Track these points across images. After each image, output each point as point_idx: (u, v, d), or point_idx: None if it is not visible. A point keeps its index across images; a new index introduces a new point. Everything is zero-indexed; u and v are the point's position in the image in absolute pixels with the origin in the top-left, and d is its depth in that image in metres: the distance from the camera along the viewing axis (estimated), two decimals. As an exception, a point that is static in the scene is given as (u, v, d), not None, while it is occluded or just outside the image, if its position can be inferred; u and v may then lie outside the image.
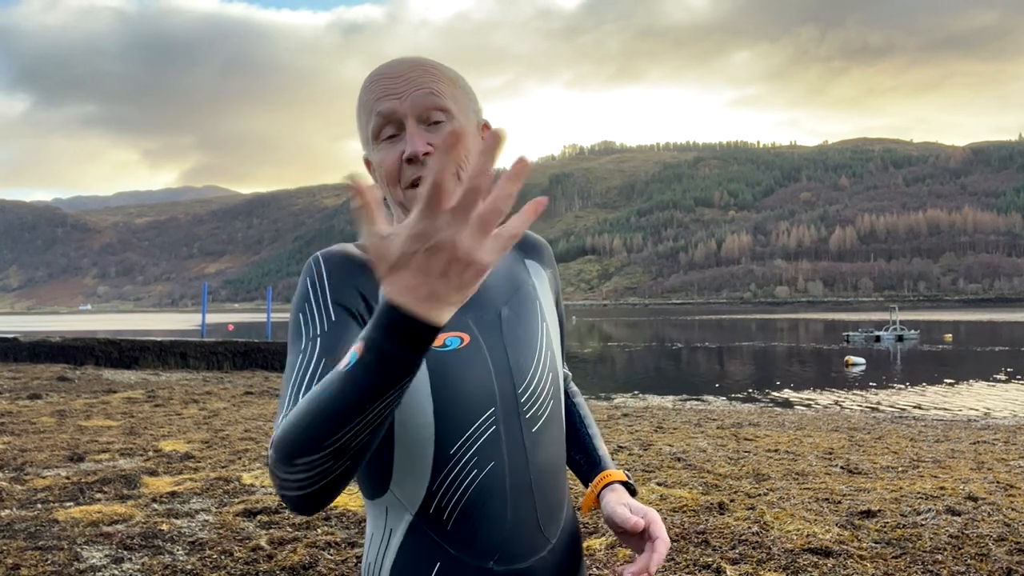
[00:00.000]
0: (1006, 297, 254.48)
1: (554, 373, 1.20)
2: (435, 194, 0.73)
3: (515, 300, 1.20)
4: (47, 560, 4.20)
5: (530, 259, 1.28)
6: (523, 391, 1.15)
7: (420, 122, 1.11)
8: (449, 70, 1.17)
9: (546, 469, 1.16)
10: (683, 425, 11.07)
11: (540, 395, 1.17)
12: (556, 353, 1.22)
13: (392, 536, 1.11)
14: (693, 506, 5.40)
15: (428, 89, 1.11)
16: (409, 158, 1.09)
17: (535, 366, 1.17)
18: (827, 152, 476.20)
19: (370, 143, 1.14)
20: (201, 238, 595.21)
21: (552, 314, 1.25)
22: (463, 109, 1.15)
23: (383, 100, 1.11)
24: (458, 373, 1.09)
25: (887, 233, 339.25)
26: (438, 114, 1.11)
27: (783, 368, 32.89)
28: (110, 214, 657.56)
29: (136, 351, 19.53)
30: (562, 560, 1.17)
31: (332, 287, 1.08)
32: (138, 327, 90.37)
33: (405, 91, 1.10)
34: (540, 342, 1.19)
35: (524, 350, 1.17)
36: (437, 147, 0.71)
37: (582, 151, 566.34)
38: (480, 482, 1.10)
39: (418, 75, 1.12)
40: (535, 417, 1.16)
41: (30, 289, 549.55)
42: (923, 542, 4.54)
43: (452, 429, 1.09)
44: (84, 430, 8.96)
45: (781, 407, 18.00)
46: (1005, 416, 15.86)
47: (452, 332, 1.12)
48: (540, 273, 1.27)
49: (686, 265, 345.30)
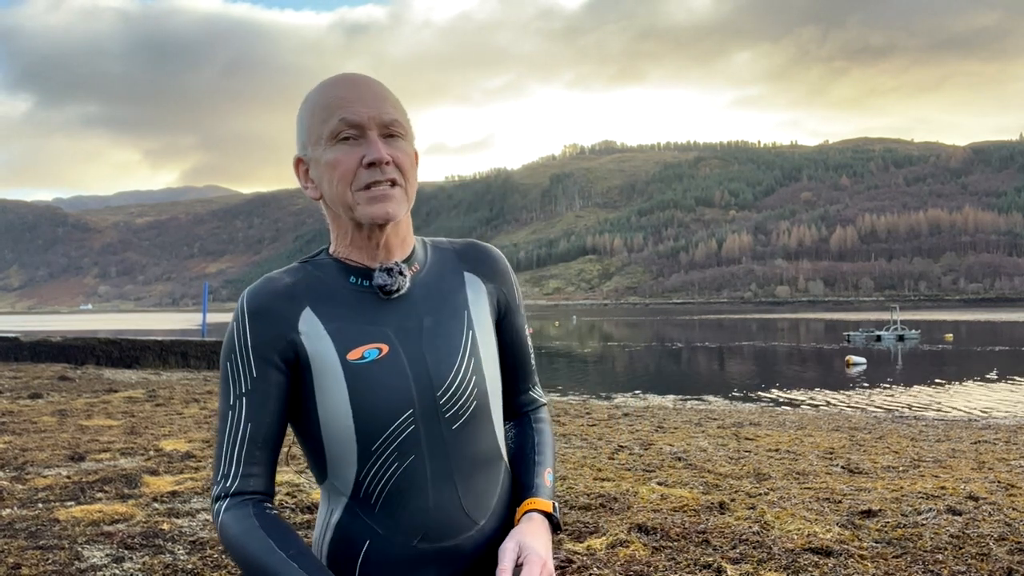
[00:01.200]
0: (1007, 297, 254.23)
1: (479, 376, 1.29)
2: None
3: (440, 310, 1.30)
4: (48, 559, 4.20)
5: (470, 272, 1.36)
6: (442, 393, 1.25)
7: (380, 133, 1.21)
8: (395, 97, 1.28)
9: (469, 461, 1.28)
10: (684, 425, 11.07)
11: (461, 397, 1.27)
12: (484, 359, 1.31)
13: (332, 515, 1.27)
14: (694, 506, 5.40)
15: (391, 108, 1.23)
16: (372, 162, 1.19)
17: (456, 370, 1.27)
18: (828, 152, 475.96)
19: (322, 143, 1.22)
20: (202, 238, 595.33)
21: (484, 324, 1.34)
22: (409, 133, 1.27)
23: (350, 106, 1.20)
24: (375, 381, 1.21)
25: (888, 233, 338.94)
26: (397, 128, 1.23)
27: (784, 368, 32.88)
28: (111, 214, 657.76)
29: (137, 351, 19.53)
30: (492, 536, 1.29)
31: (253, 336, 1.21)
32: (139, 327, 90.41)
33: (373, 104, 1.21)
34: (463, 348, 1.29)
35: (444, 356, 1.27)
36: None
37: (583, 151, 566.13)
38: (401, 473, 1.23)
39: (381, 91, 1.24)
40: (455, 416, 1.26)
41: (31, 289, 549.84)
42: (924, 542, 4.54)
43: (372, 430, 1.21)
44: (85, 429, 8.96)
45: (782, 407, 17.99)
46: (1006, 416, 15.85)
47: (371, 344, 1.23)
48: (477, 286, 1.36)
49: (687, 265, 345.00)
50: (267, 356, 1.21)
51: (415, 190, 1.27)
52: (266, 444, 1.21)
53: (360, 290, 1.26)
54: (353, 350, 1.21)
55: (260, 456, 1.21)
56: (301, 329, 1.22)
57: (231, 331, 1.23)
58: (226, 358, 1.23)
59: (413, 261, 1.31)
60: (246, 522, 1.17)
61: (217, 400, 1.31)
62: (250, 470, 1.20)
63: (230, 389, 1.22)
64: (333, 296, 1.25)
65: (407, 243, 1.31)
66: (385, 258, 1.26)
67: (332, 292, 1.25)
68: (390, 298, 1.26)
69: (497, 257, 1.41)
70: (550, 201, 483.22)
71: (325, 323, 1.22)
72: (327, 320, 1.23)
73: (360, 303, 1.25)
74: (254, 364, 1.20)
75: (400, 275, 1.26)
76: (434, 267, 1.33)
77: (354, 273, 1.26)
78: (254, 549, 1.15)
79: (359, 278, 1.26)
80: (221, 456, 1.21)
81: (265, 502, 1.22)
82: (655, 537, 4.65)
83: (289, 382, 1.22)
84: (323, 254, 1.31)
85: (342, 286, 1.26)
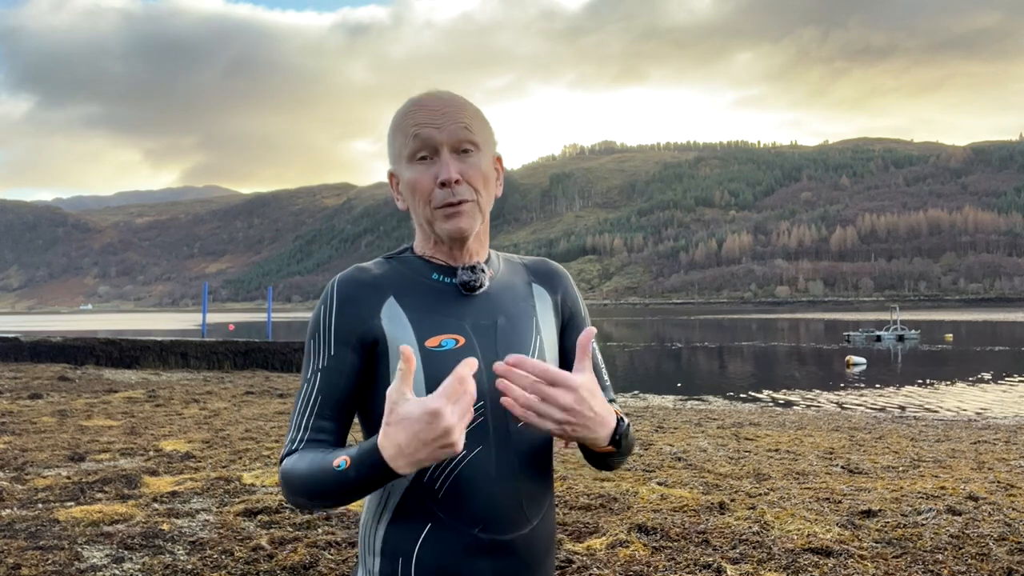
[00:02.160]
0: (1007, 297, 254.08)
1: None
2: (457, 388, 1.10)
3: (512, 312, 1.39)
4: (48, 560, 4.20)
5: (537, 283, 1.47)
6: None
7: (452, 151, 1.30)
8: (475, 107, 1.37)
9: (530, 459, 1.33)
10: (683, 425, 11.07)
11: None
12: (548, 363, 1.33)
13: (390, 498, 1.30)
14: (694, 506, 5.40)
15: (463, 124, 1.31)
16: (443, 182, 1.29)
17: None
18: (828, 152, 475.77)
19: (403, 161, 1.33)
20: (202, 238, 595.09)
21: (550, 331, 1.43)
22: (486, 142, 1.36)
23: (424, 127, 1.30)
24: (450, 369, 1.20)
25: (888, 233, 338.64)
26: (468, 145, 1.31)
27: (784, 368, 32.87)
28: (111, 214, 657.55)
29: (137, 351, 19.52)
30: (540, 539, 1.34)
31: (338, 319, 1.31)
32: (139, 327, 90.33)
33: (443, 123, 1.30)
34: (531, 350, 1.37)
35: (515, 354, 1.29)
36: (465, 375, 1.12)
37: (583, 151, 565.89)
38: (468, 462, 1.27)
39: (454, 110, 1.32)
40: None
41: (31, 289, 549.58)
42: (924, 542, 4.54)
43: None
44: (85, 430, 8.96)
45: (782, 407, 17.98)
46: (1006, 416, 15.85)
47: (448, 334, 1.31)
48: (544, 296, 1.46)
49: (687, 265, 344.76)
50: (346, 338, 1.29)
51: (491, 200, 1.38)
52: (334, 414, 1.29)
53: (441, 286, 1.35)
54: (431, 338, 1.30)
55: (328, 426, 1.28)
56: (383, 315, 1.31)
57: (318, 313, 1.32)
58: (310, 336, 1.32)
59: (489, 266, 1.41)
60: (301, 451, 1.24)
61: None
62: (318, 436, 1.27)
63: (309, 364, 1.31)
64: (416, 289, 1.34)
65: (484, 249, 1.42)
66: (467, 261, 1.37)
67: (415, 285, 1.35)
68: (470, 295, 1.35)
69: (563, 274, 1.51)
70: (550, 201, 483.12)
71: (407, 312, 1.31)
72: (409, 310, 1.31)
73: (440, 298, 1.34)
74: (333, 344, 1.29)
75: (482, 272, 1.36)
76: (506, 275, 1.43)
77: (437, 270, 1.36)
78: (309, 458, 1.21)
79: (441, 275, 1.36)
80: (294, 423, 1.29)
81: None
82: (655, 537, 4.65)
83: (363, 363, 1.30)
84: (408, 252, 1.40)
85: (425, 281, 1.35)
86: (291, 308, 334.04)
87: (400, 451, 1.10)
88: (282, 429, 9.13)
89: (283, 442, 1.31)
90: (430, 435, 1.08)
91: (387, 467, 1.11)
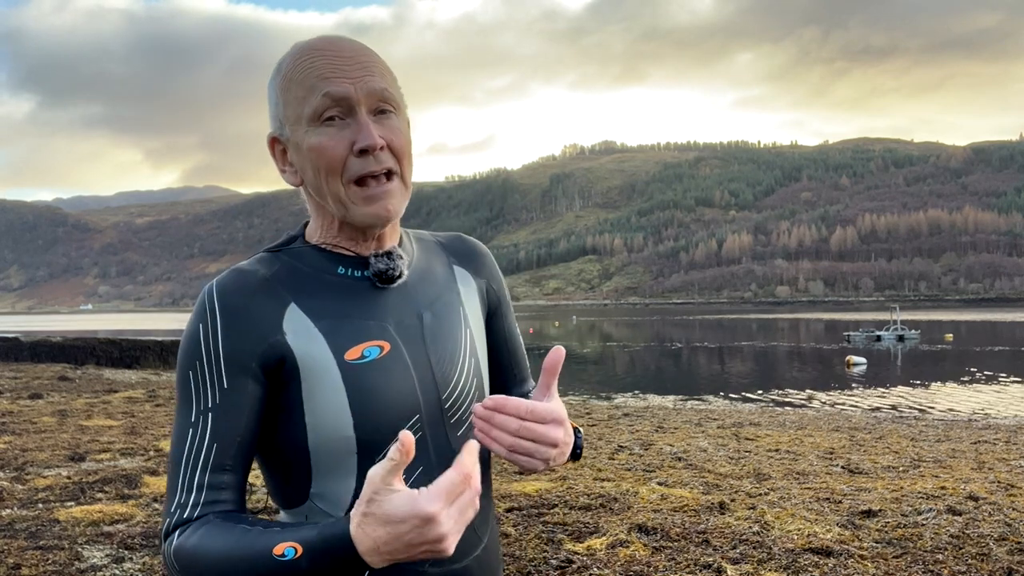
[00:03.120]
0: (1007, 297, 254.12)
1: (479, 378, 1.18)
2: (459, 486, 0.88)
3: (438, 304, 1.17)
4: (48, 560, 4.20)
5: (460, 266, 1.25)
6: (447, 397, 1.13)
7: (370, 111, 1.05)
8: (383, 59, 1.11)
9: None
10: (684, 425, 11.07)
11: (465, 400, 1.15)
12: (480, 360, 1.20)
13: None
14: (694, 506, 5.40)
15: (380, 78, 1.06)
16: (363, 149, 1.03)
17: (459, 372, 1.15)
18: (828, 152, 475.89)
19: (303, 123, 1.05)
20: (202, 238, 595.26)
21: (477, 322, 1.22)
22: (402, 103, 1.11)
23: (333, 81, 1.03)
24: (379, 384, 1.06)
25: (888, 233, 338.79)
26: (387, 105, 1.07)
27: (784, 368, 32.88)
28: (111, 214, 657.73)
29: (137, 351, 19.54)
30: (491, 555, 1.17)
31: (226, 338, 1.03)
32: (139, 327, 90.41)
33: (358, 76, 1.04)
34: (463, 348, 1.17)
35: (447, 356, 1.15)
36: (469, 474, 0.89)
37: (583, 151, 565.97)
38: (409, 485, 1.03)
39: (367, 60, 1.06)
40: (460, 421, 1.14)
41: (31, 289, 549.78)
42: (924, 542, 4.54)
43: (374, 439, 1.05)
44: (85, 430, 8.96)
45: (782, 407, 17.98)
46: (1006, 416, 15.85)
47: (371, 341, 1.08)
48: (468, 281, 1.24)
49: (687, 265, 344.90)
50: (243, 363, 1.02)
51: (412, 172, 1.12)
52: (235, 467, 1.02)
53: (351, 281, 1.11)
54: (351, 349, 1.06)
55: (228, 480, 1.02)
56: (286, 329, 1.05)
57: (195, 333, 1.03)
58: (188, 366, 1.03)
59: (403, 249, 1.17)
60: (208, 526, 0.97)
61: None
62: (215, 496, 1.00)
63: (192, 403, 1.02)
64: (319, 288, 1.09)
65: (396, 230, 1.17)
66: (378, 247, 1.13)
67: (318, 284, 1.09)
68: (387, 288, 1.12)
69: (484, 252, 1.29)
70: (550, 201, 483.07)
71: (315, 320, 1.06)
72: (317, 316, 1.06)
73: (352, 295, 1.10)
74: (225, 373, 1.02)
75: (400, 259, 1.12)
76: (422, 260, 1.20)
77: (342, 262, 1.11)
78: (229, 538, 0.95)
79: (348, 267, 1.11)
80: (178, 483, 1.00)
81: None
82: (655, 537, 4.65)
83: (267, 392, 1.04)
84: (298, 241, 1.15)
85: (328, 277, 1.10)
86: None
87: (376, 549, 0.88)
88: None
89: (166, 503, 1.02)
90: (417, 540, 0.87)
91: (358, 561, 0.89)
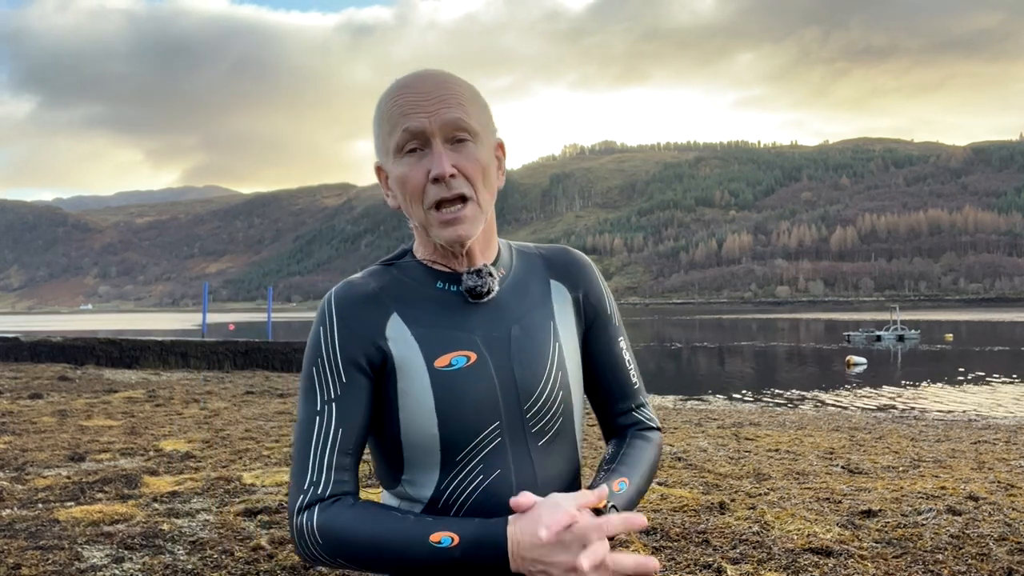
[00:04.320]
0: (1007, 297, 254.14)
1: (565, 391, 1.24)
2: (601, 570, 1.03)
3: (528, 319, 1.25)
4: (48, 560, 4.20)
5: (557, 280, 1.31)
6: (529, 407, 1.21)
7: (445, 140, 1.15)
8: (470, 86, 1.21)
9: (553, 480, 1.22)
10: (683, 425, 11.07)
11: (548, 411, 1.22)
12: (570, 373, 1.26)
13: None
14: (693, 506, 5.40)
15: (455, 109, 1.15)
16: (435, 178, 1.13)
17: (543, 384, 1.22)
18: (828, 152, 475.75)
19: (391, 155, 1.17)
20: (202, 238, 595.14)
21: (570, 336, 1.28)
22: (485, 128, 1.20)
23: (411, 116, 1.14)
24: (462, 390, 1.16)
25: (888, 233, 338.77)
26: (463, 133, 1.16)
27: (784, 368, 32.88)
28: (111, 214, 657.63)
29: (137, 351, 19.53)
30: None
31: (342, 339, 1.18)
32: (139, 327, 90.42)
33: (434, 109, 1.14)
34: (550, 361, 1.23)
35: (532, 368, 1.22)
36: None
37: (583, 151, 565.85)
38: (486, 486, 1.18)
39: (445, 93, 1.15)
40: (541, 431, 1.22)
41: (31, 289, 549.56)
42: (924, 542, 4.54)
43: (457, 440, 1.17)
44: (85, 430, 8.96)
45: (782, 407, 17.99)
46: (1006, 416, 15.85)
47: (459, 351, 1.18)
48: (563, 295, 1.30)
49: (687, 265, 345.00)
50: (356, 361, 1.17)
51: (494, 194, 1.22)
52: (355, 450, 1.17)
53: (447, 295, 1.22)
54: (440, 357, 1.18)
55: (349, 462, 1.16)
56: (388, 335, 1.18)
57: (318, 334, 1.19)
58: (312, 362, 1.19)
59: (499, 265, 1.26)
60: (356, 508, 1.12)
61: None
62: (341, 476, 1.15)
63: (317, 394, 1.17)
64: (419, 301, 1.21)
65: (492, 246, 1.26)
66: (470, 264, 1.22)
67: (418, 296, 1.22)
68: (478, 303, 1.22)
69: (584, 264, 1.34)
70: (550, 201, 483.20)
71: (412, 328, 1.19)
72: (414, 325, 1.19)
73: (447, 308, 1.21)
74: (343, 369, 1.17)
75: (489, 276, 1.21)
76: (520, 273, 1.28)
77: (440, 278, 1.23)
78: (382, 523, 1.09)
79: (446, 283, 1.22)
80: (309, 464, 1.15)
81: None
82: (655, 537, 4.65)
83: (375, 386, 1.19)
84: (407, 256, 1.27)
85: (428, 290, 1.22)
86: (291, 308, 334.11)
87: (518, 552, 1.02)
88: (283, 429, 9.13)
89: (290, 482, 1.18)
90: (556, 559, 1.01)
91: (504, 557, 1.03)
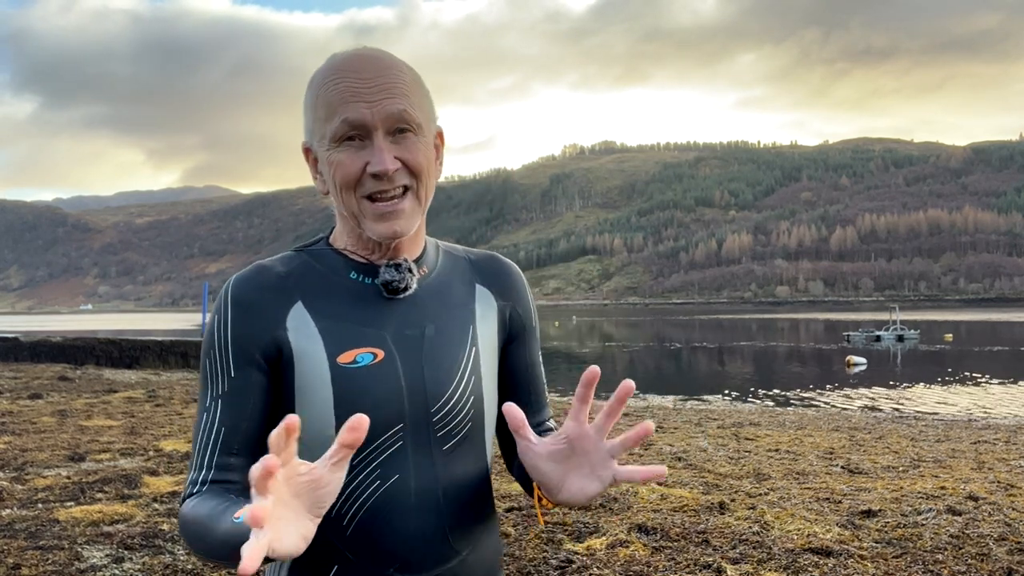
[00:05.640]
0: (1007, 297, 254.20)
1: (476, 396, 1.18)
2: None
3: (445, 320, 1.18)
4: (48, 560, 4.20)
5: (483, 285, 1.25)
6: (436, 410, 1.14)
7: (387, 133, 1.08)
8: (413, 72, 1.13)
9: (459, 487, 1.16)
10: (683, 425, 11.07)
11: (456, 416, 1.16)
12: (483, 379, 1.20)
13: None
14: (694, 506, 5.40)
15: (399, 100, 1.08)
16: (376, 174, 1.07)
17: (454, 387, 1.15)
18: (828, 152, 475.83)
19: (326, 141, 1.09)
20: (202, 238, 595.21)
21: (490, 343, 1.22)
22: (427, 118, 1.13)
23: (351, 105, 1.07)
24: (364, 389, 1.09)
25: (888, 233, 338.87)
26: (407, 123, 1.09)
27: (784, 368, 32.88)
28: (111, 214, 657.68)
29: (137, 351, 19.54)
30: (473, 571, 1.18)
31: (235, 330, 1.10)
32: (139, 327, 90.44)
33: (377, 100, 1.07)
34: (463, 365, 1.17)
35: (443, 370, 1.15)
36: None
37: (583, 151, 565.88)
38: (382, 494, 1.11)
39: (388, 81, 1.08)
40: (448, 436, 1.15)
41: (31, 289, 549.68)
42: (924, 542, 4.54)
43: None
44: (85, 430, 8.96)
45: (782, 407, 17.99)
46: (1005, 416, 15.85)
47: (366, 348, 1.11)
48: (488, 300, 1.24)
49: (687, 265, 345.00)
50: (248, 354, 1.10)
51: (433, 188, 1.16)
52: (243, 449, 1.09)
53: (361, 287, 1.14)
54: (345, 352, 1.10)
55: (236, 462, 1.09)
56: (289, 325, 1.11)
57: (212, 323, 1.12)
58: (205, 354, 1.13)
59: (423, 263, 1.20)
60: (203, 495, 1.05)
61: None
62: (224, 475, 1.08)
63: (207, 388, 1.12)
64: (330, 291, 1.14)
65: (418, 242, 1.19)
66: (391, 257, 1.15)
67: (329, 286, 1.14)
68: (394, 298, 1.15)
69: (515, 274, 1.29)
70: (550, 201, 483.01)
71: (317, 320, 1.11)
72: (319, 316, 1.11)
73: (359, 301, 1.13)
74: (232, 363, 1.10)
75: (408, 272, 1.14)
76: (444, 273, 1.22)
77: (356, 268, 1.15)
78: (207, 503, 1.02)
79: (360, 274, 1.15)
80: (193, 461, 1.10)
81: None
82: (655, 537, 4.65)
83: (271, 382, 1.11)
84: (323, 243, 1.20)
85: (340, 280, 1.15)
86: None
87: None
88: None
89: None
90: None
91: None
